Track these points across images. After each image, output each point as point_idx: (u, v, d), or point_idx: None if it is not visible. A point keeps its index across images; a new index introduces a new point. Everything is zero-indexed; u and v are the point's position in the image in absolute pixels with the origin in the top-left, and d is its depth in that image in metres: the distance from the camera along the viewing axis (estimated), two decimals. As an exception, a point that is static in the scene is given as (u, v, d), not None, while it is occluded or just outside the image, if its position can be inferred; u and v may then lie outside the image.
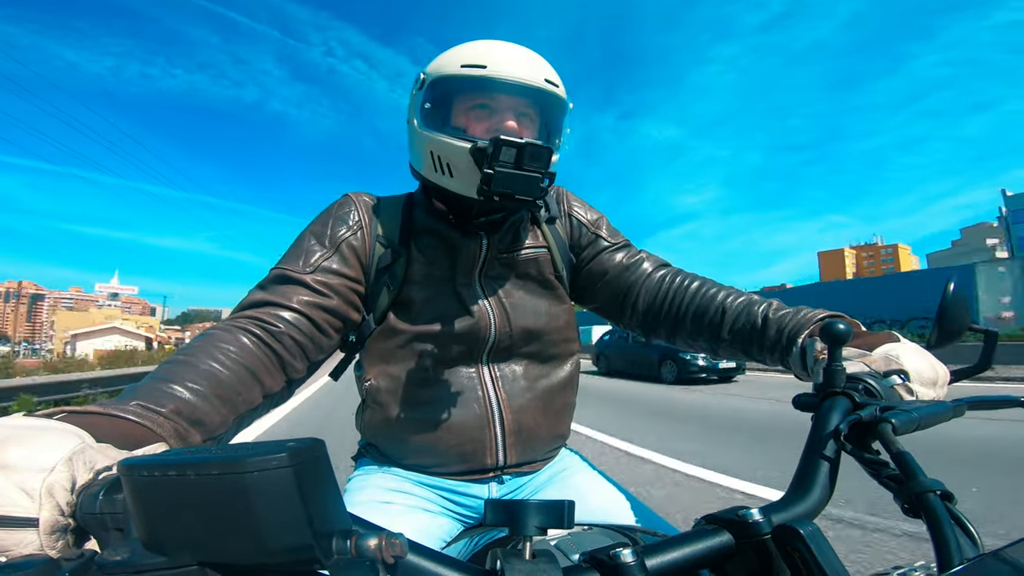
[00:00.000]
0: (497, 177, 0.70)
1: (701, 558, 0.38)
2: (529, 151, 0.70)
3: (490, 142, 0.71)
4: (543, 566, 0.33)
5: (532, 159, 0.71)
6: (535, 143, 0.71)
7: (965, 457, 3.73)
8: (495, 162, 0.70)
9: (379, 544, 0.28)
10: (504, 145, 0.70)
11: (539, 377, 0.87)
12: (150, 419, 0.50)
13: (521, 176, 0.71)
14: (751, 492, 3.21)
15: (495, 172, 0.70)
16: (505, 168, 0.70)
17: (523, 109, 0.78)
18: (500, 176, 0.70)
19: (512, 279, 0.88)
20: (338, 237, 0.81)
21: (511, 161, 0.70)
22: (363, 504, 0.80)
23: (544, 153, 0.71)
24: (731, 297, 0.84)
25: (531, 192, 0.72)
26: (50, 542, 0.32)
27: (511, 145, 0.70)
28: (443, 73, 0.78)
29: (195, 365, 0.60)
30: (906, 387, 0.59)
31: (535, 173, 0.71)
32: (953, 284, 0.64)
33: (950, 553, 0.35)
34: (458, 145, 0.75)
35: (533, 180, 0.72)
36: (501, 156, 0.70)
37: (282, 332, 0.70)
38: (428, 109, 0.80)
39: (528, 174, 0.71)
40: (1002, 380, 8.64)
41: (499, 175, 0.70)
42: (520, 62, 0.77)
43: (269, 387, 0.68)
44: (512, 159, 0.70)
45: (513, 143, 0.70)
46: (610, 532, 0.64)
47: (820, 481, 0.45)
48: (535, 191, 0.73)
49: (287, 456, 0.25)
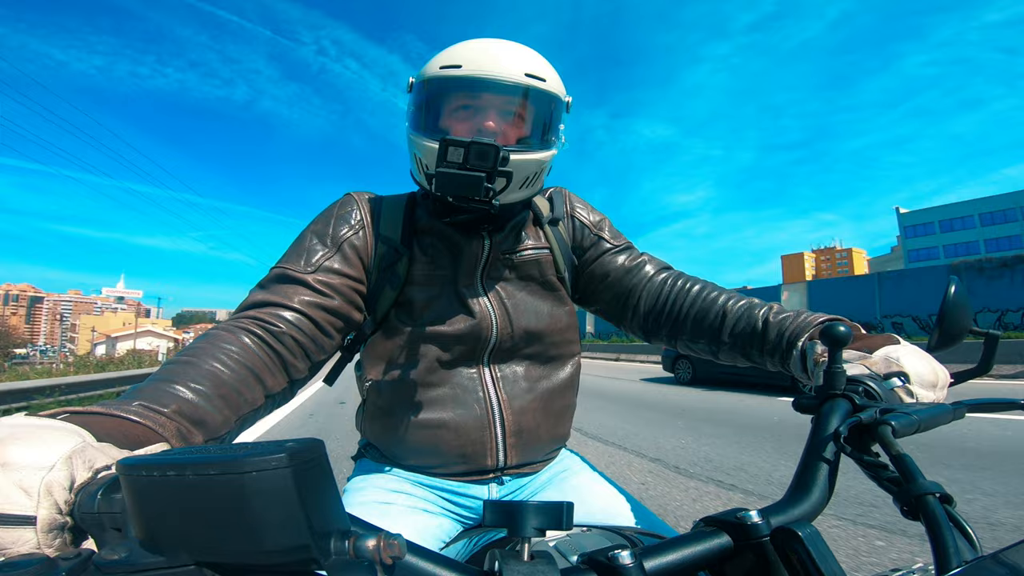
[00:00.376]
0: (438, 177, 0.70)
1: (700, 560, 0.38)
2: (475, 150, 0.68)
3: (440, 142, 0.70)
4: (542, 567, 0.33)
5: (478, 158, 0.69)
6: (481, 142, 0.69)
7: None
8: (442, 163, 0.69)
9: (377, 545, 0.28)
10: (450, 145, 0.69)
11: (540, 378, 0.87)
12: (152, 419, 0.50)
13: (462, 176, 0.69)
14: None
15: (436, 173, 0.70)
16: (449, 168, 0.69)
17: (506, 107, 0.77)
18: (440, 176, 0.70)
19: (514, 280, 0.88)
20: (340, 236, 0.80)
21: (459, 161, 0.69)
22: (362, 504, 0.79)
23: (490, 152, 0.69)
24: (732, 300, 0.84)
25: (473, 191, 0.70)
26: (47, 540, 0.32)
27: (457, 144, 0.69)
28: (425, 76, 0.79)
29: (197, 365, 0.60)
30: (906, 389, 0.59)
31: (477, 172, 0.69)
32: (955, 287, 0.64)
33: (948, 555, 0.35)
34: (429, 146, 0.75)
35: (475, 180, 0.69)
36: (448, 156, 0.69)
37: (283, 332, 0.70)
38: (413, 112, 0.80)
39: (470, 173, 0.69)
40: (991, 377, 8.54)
41: (440, 176, 0.70)
42: (498, 58, 0.75)
43: (271, 387, 0.68)
44: (459, 159, 0.69)
45: (459, 142, 0.69)
46: (609, 534, 0.64)
47: (819, 483, 0.45)
48: (478, 191, 0.70)
49: (286, 456, 0.25)
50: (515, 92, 0.77)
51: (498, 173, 0.72)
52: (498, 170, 0.71)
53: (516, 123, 0.78)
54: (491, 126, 0.76)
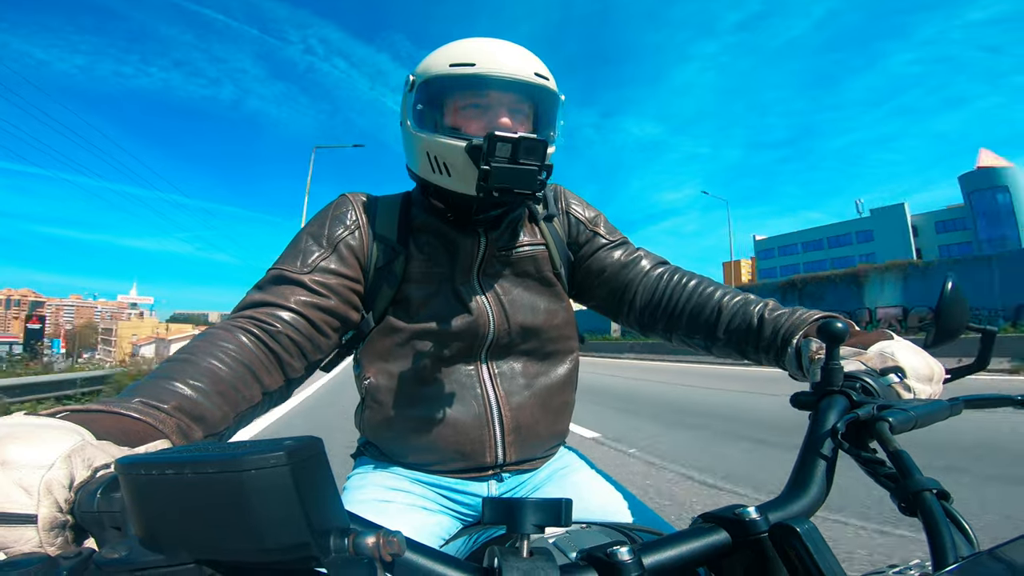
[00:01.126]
0: (494, 172, 0.71)
1: (698, 556, 0.38)
2: (524, 145, 0.70)
3: (485, 139, 0.71)
4: (541, 564, 0.33)
5: (527, 153, 0.71)
6: (529, 137, 0.71)
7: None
8: (491, 158, 0.71)
9: (377, 542, 0.28)
10: (499, 141, 0.70)
11: (538, 374, 0.88)
12: (152, 416, 0.50)
13: (518, 170, 0.71)
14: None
15: (492, 168, 0.70)
16: (501, 163, 0.71)
17: (515, 104, 0.78)
18: (497, 171, 0.71)
19: (511, 277, 0.88)
20: (336, 237, 0.81)
21: (507, 156, 0.71)
22: (362, 502, 0.80)
23: (539, 146, 0.71)
24: (728, 296, 0.85)
25: (529, 185, 0.72)
26: (49, 539, 0.32)
27: (506, 140, 0.70)
28: (433, 73, 0.78)
29: (196, 363, 0.61)
30: (903, 384, 0.59)
31: (531, 166, 0.72)
32: (951, 282, 0.64)
33: (946, 551, 0.36)
34: (453, 144, 0.75)
35: (530, 173, 0.72)
36: (497, 152, 0.70)
37: (279, 332, 0.70)
38: (421, 110, 0.80)
39: (524, 167, 0.71)
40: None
41: (496, 170, 0.71)
42: (509, 57, 0.77)
43: (268, 385, 0.68)
44: (508, 154, 0.71)
45: (507, 138, 0.70)
46: (608, 530, 0.64)
47: (817, 480, 0.45)
48: (533, 184, 0.73)
49: (284, 454, 0.25)
50: (526, 90, 0.78)
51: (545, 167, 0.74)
52: (545, 164, 0.73)
53: (523, 121, 0.80)
54: (506, 122, 0.77)
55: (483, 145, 0.71)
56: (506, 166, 0.71)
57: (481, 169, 0.71)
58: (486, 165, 0.71)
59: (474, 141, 0.74)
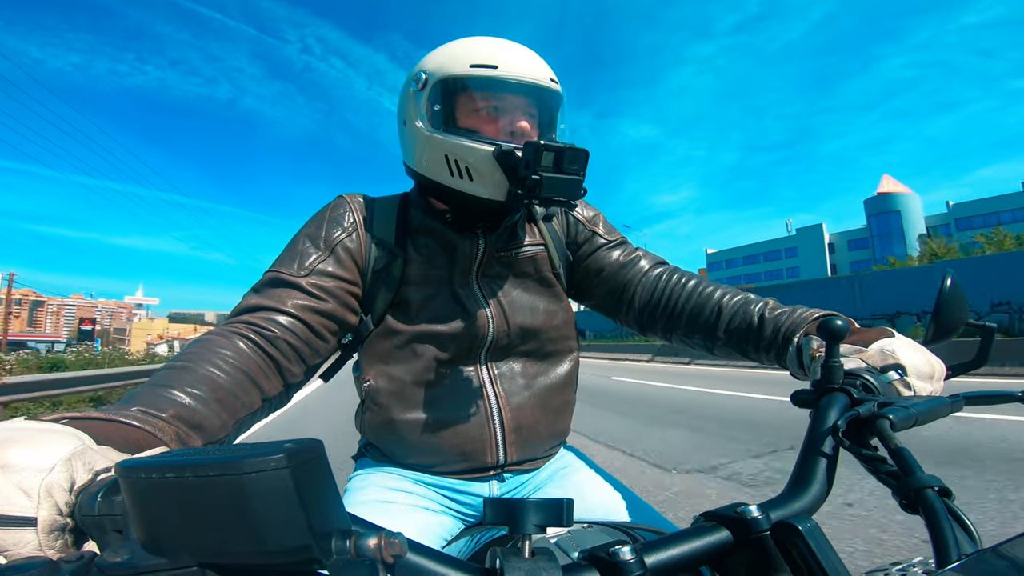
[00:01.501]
0: (545, 183, 0.70)
1: (700, 555, 0.38)
2: (569, 155, 0.70)
3: (527, 147, 0.71)
4: (542, 564, 0.33)
5: (571, 162, 0.71)
6: (574, 148, 0.71)
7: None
8: (538, 167, 0.70)
9: (378, 544, 0.28)
10: (544, 150, 0.70)
11: (538, 375, 0.87)
12: (151, 424, 0.50)
13: (565, 180, 0.71)
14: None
15: (542, 178, 0.70)
16: (549, 173, 0.70)
17: (530, 108, 0.79)
18: (548, 181, 0.70)
19: (510, 278, 0.88)
20: (333, 239, 0.80)
21: (550, 165, 0.70)
22: (363, 504, 0.80)
23: (582, 155, 0.71)
24: (728, 296, 0.85)
25: (574, 194, 0.73)
26: (49, 542, 0.32)
27: (550, 149, 0.70)
28: (451, 73, 0.77)
29: (193, 370, 0.60)
30: (904, 382, 0.59)
31: (576, 176, 0.72)
32: (950, 279, 0.64)
33: (948, 549, 0.35)
34: (480, 148, 0.74)
35: (575, 183, 0.72)
36: (542, 161, 0.70)
37: (277, 337, 0.70)
38: (439, 111, 0.78)
39: (571, 178, 0.71)
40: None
41: (547, 180, 0.70)
42: (529, 62, 0.78)
43: (267, 391, 0.68)
44: (551, 163, 0.70)
45: (552, 147, 0.70)
46: (609, 530, 0.64)
47: (818, 477, 0.45)
48: (577, 193, 0.73)
49: (285, 457, 0.25)
50: (544, 95, 0.79)
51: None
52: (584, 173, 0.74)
53: (535, 124, 0.80)
54: (525, 126, 0.77)
55: (528, 154, 0.71)
56: (555, 176, 0.70)
57: (531, 178, 0.70)
58: (535, 175, 0.70)
59: (503, 147, 0.73)
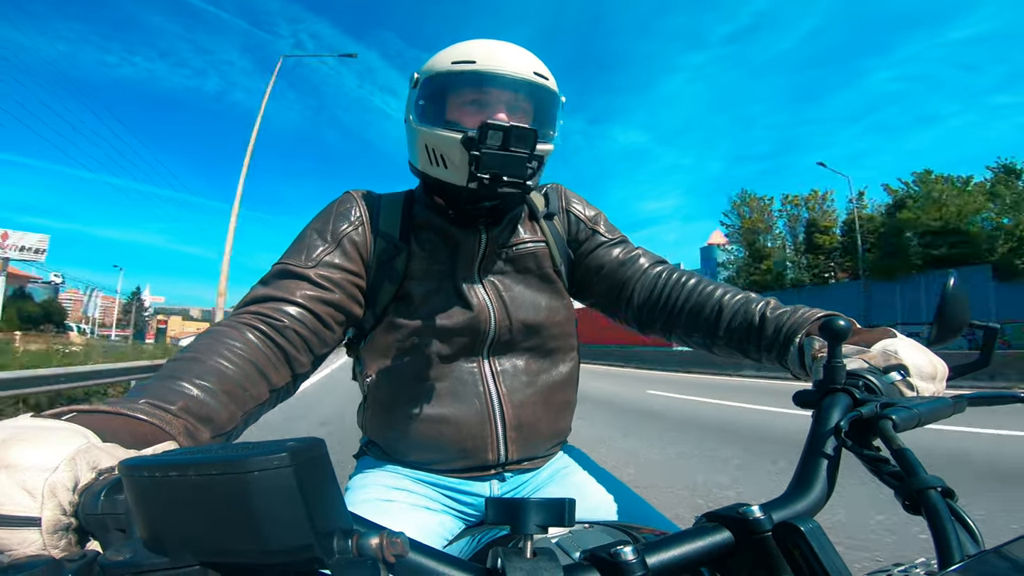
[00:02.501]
0: (484, 158, 0.72)
1: (702, 556, 0.38)
2: (515, 133, 0.72)
3: (478, 128, 0.73)
4: (544, 564, 0.33)
5: (518, 141, 0.72)
6: (520, 126, 0.72)
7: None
8: (482, 145, 0.72)
9: (380, 543, 0.28)
10: (491, 129, 0.72)
11: (540, 372, 0.88)
12: (159, 417, 0.50)
13: (507, 156, 0.73)
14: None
15: (482, 154, 0.72)
16: (491, 150, 0.72)
17: (514, 102, 0.79)
18: (487, 157, 0.72)
19: (512, 273, 0.88)
20: (340, 232, 0.82)
21: (498, 144, 0.72)
22: (365, 502, 0.80)
23: (529, 135, 0.73)
24: (728, 295, 0.84)
25: (518, 172, 0.74)
26: (52, 541, 0.32)
27: (497, 128, 0.72)
28: (435, 70, 0.80)
29: (202, 362, 0.61)
30: (906, 382, 0.59)
31: (520, 153, 0.73)
32: (953, 280, 0.64)
33: (951, 550, 0.35)
34: (450, 136, 0.76)
35: (519, 160, 0.73)
36: (488, 140, 0.72)
37: (286, 327, 0.71)
38: (422, 106, 0.81)
39: (514, 154, 0.73)
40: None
41: (486, 156, 0.72)
42: (509, 56, 0.78)
43: (275, 382, 0.68)
44: (499, 142, 0.72)
45: (499, 126, 0.72)
46: (611, 530, 0.64)
47: (821, 478, 0.45)
48: (522, 171, 0.74)
49: (288, 456, 0.25)
50: (524, 88, 0.79)
51: (535, 156, 0.76)
52: (535, 154, 0.75)
53: (522, 118, 0.80)
54: (503, 117, 0.77)
55: (475, 134, 0.73)
56: (496, 152, 0.72)
57: (471, 155, 0.73)
58: (476, 151, 0.72)
59: (469, 132, 0.75)
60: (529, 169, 0.75)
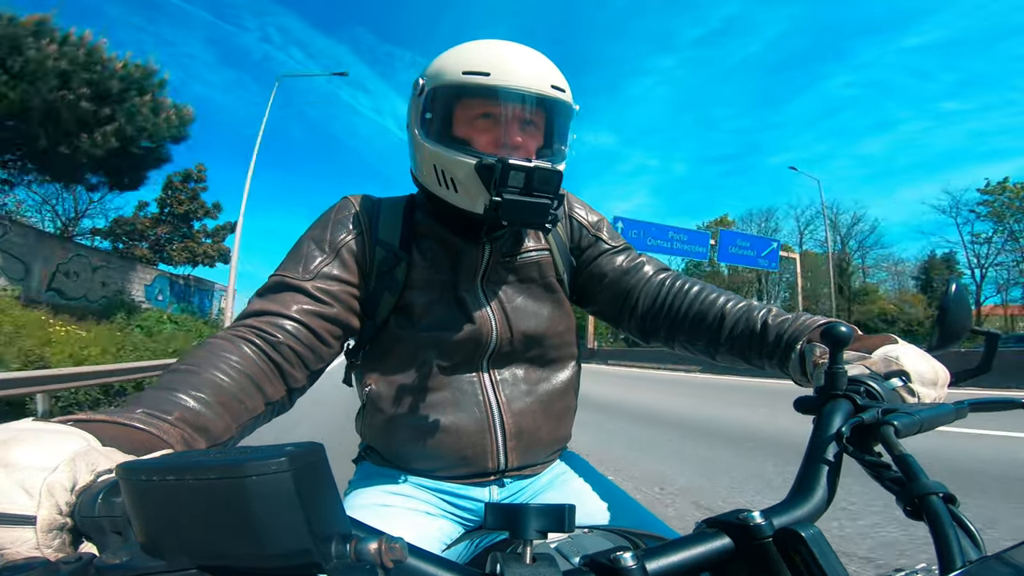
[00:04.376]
0: (505, 205, 0.68)
1: (702, 561, 0.38)
2: (539, 176, 0.68)
3: (497, 164, 0.69)
4: (543, 570, 0.33)
5: (542, 183, 0.69)
6: (544, 167, 0.69)
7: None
8: (503, 188, 0.68)
9: (379, 548, 0.28)
10: (512, 170, 0.68)
11: (539, 381, 0.87)
12: (156, 426, 0.50)
13: (530, 204, 0.69)
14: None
15: (504, 200, 0.68)
16: (513, 195, 0.68)
17: (529, 117, 0.76)
18: (508, 204, 0.68)
19: (514, 283, 0.87)
20: (338, 242, 0.80)
21: (519, 186, 0.68)
22: (363, 507, 0.79)
23: (554, 178, 0.69)
24: (731, 303, 0.84)
25: (540, 218, 0.71)
26: (47, 541, 0.32)
27: (519, 170, 0.68)
28: (444, 80, 0.75)
29: (198, 374, 0.60)
30: (908, 388, 0.59)
31: (544, 199, 0.69)
32: (955, 285, 0.64)
33: (952, 555, 0.35)
34: (463, 161, 0.73)
35: (542, 207, 0.70)
36: (509, 182, 0.68)
37: (280, 343, 0.69)
38: (429, 119, 0.77)
39: (537, 201, 0.69)
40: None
41: (507, 203, 0.68)
42: (526, 68, 0.74)
43: (271, 395, 0.68)
44: (520, 184, 0.68)
45: (521, 167, 0.68)
46: (611, 535, 0.64)
47: (822, 484, 0.45)
48: (544, 218, 0.71)
49: (286, 460, 0.25)
50: (541, 104, 0.76)
51: (558, 198, 0.72)
52: (558, 195, 0.71)
53: (535, 134, 0.78)
54: (518, 141, 0.74)
55: (495, 171, 0.69)
56: (518, 199, 0.68)
57: (492, 199, 0.69)
58: (498, 196, 0.68)
59: (484, 160, 0.71)
60: (551, 215, 0.71)
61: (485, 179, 0.71)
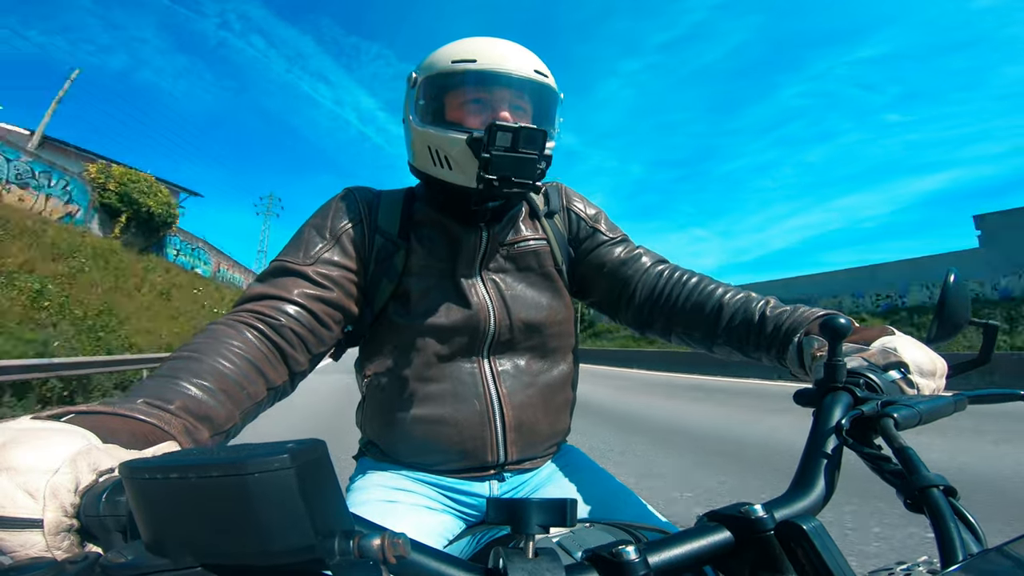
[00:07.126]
0: (494, 161, 0.72)
1: (704, 555, 0.38)
2: (524, 134, 0.72)
3: (485, 129, 0.73)
4: (546, 564, 0.33)
5: (527, 142, 0.72)
6: (530, 126, 0.72)
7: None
8: (491, 147, 0.72)
9: (382, 544, 0.28)
10: (499, 130, 0.72)
11: (540, 372, 0.87)
12: (158, 416, 0.50)
13: (518, 158, 0.73)
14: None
15: (492, 156, 0.72)
16: (501, 152, 0.72)
17: (516, 100, 0.80)
18: (497, 159, 0.72)
19: (513, 271, 0.88)
20: (338, 229, 0.82)
21: (507, 145, 0.72)
22: (365, 503, 0.80)
23: (539, 136, 0.73)
24: (729, 294, 0.84)
25: (529, 174, 0.74)
26: (55, 543, 0.32)
27: (506, 130, 0.72)
28: (435, 70, 0.80)
29: (200, 361, 0.61)
30: (907, 380, 0.59)
31: (531, 155, 0.73)
32: (954, 276, 0.64)
33: (954, 548, 0.35)
34: (454, 137, 0.77)
35: (530, 161, 0.73)
36: (497, 141, 0.72)
37: (283, 325, 0.71)
38: (423, 105, 0.81)
39: (524, 156, 0.73)
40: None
41: (496, 158, 0.72)
42: (510, 55, 0.79)
43: (273, 380, 0.69)
44: (508, 143, 0.72)
45: (508, 127, 0.72)
46: (612, 529, 0.64)
47: (822, 476, 0.45)
48: (532, 173, 0.74)
49: (288, 457, 0.25)
50: (526, 87, 0.80)
51: (544, 157, 0.76)
52: (544, 155, 0.75)
53: (523, 116, 0.81)
54: (506, 116, 0.77)
55: (483, 135, 0.73)
56: (506, 154, 0.72)
57: (482, 158, 0.72)
58: (487, 153, 0.72)
59: (475, 134, 0.75)
60: (539, 170, 0.75)
61: (476, 151, 0.75)
